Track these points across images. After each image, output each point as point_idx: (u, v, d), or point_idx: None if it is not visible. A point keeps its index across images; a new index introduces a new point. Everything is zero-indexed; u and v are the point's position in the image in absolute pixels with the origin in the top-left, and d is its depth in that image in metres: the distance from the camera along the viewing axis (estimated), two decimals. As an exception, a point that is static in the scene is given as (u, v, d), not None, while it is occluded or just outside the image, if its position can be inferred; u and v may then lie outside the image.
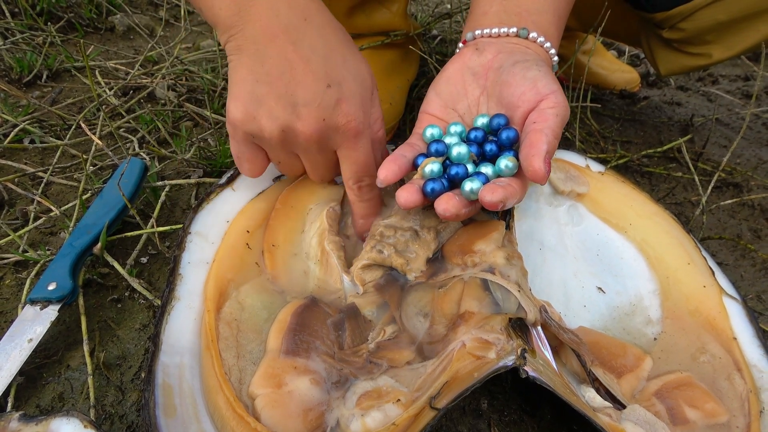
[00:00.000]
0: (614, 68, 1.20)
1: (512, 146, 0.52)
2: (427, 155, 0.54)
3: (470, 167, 0.52)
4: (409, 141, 0.57)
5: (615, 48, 1.47)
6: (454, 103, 0.58)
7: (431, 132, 0.55)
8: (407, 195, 0.50)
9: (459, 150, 0.52)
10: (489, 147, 0.53)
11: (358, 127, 0.52)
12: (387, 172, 0.51)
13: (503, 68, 0.54)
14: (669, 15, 0.80)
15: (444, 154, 0.53)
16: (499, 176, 0.51)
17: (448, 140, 0.54)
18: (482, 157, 0.54)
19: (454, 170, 0.51)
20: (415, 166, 0.54)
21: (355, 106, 0.52)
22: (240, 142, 0.54)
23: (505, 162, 0.50)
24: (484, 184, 0.49)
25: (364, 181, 0.55)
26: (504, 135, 0.52)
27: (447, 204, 0.48)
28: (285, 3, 0.51)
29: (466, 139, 0.55)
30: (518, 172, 0.50)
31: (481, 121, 0.55)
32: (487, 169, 0.51)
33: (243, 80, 0.51)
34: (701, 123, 1.12)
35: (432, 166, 0.52)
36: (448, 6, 1.53)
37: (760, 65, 0.77)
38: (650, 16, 0.83)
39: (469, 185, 0.49)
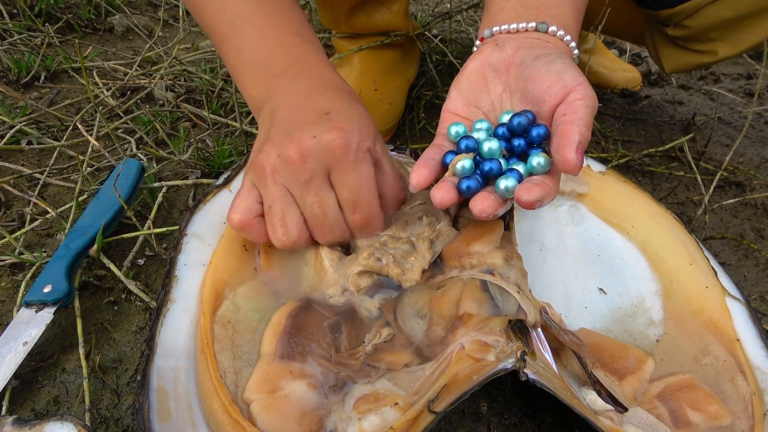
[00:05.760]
0: (615, 67, 1.20)
1: (542, 143, 0.51)
2: (457, 152, 0.52)
3: (502, 162, 0.51)
4: (434, 143, 0.55)
5: (616, 47, 1.47)
6: (476, 101, 0.56)
7: (456, 129, 0.54)
8: (443, 194, 0.48)
9: (490, 145, 0.50)
10: (517, 142, 0.51)
11: (349, 146, 0.49)
12: (418, 176, 0.50)
13: (526, 63, 0.52)
14: (674, 12, 0.79)
15: (475, 150, 0.52)
16: (531, 174, 0.49)
17: (476, 135, 0.52)
18: (511, 153, 0.52)
19: (487, 166, 0.50)
20: (444, 166, 0.52)
21: (351, 129, 0.50)
22: (247, 179, 0.53)
23: (538, 159, 0.48)
24: (518, 181, 0.48)
25: (357, 213, 0.51)
26: (534, 132, 0.50)
27: (483, 204, 0.47)
28: (304, 72, 0.56)
29: (494, 135, 0.53)
30: (549, 170, 0.49)
31: (507, 118, 0.53)
32: (518, 166, 0.50)
33: (264, 133, 0.54)
34: (703, 122, 1.11)
35: (463, 163, 0.50)
36: (448, 5, 1.52)
37: (763, 63, 0.76)
38: (655, 13, 0.83)
39: (504, 183, 0.47)
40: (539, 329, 0.50)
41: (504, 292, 0.49)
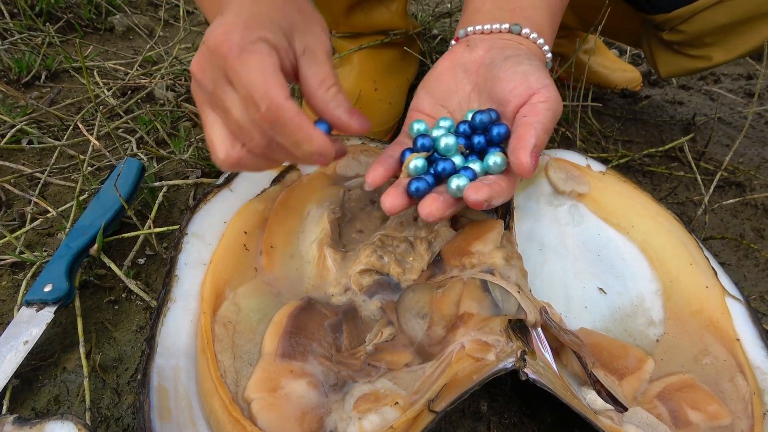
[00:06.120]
0: (615, 67, 1.19)
1: (502, 142, 0.51)
2: (412, 151, 0.52)
3: (459, 159, 0.51)
4: (397, 140, 0.55)
5: (616, 47, 1.47)
6: (444, 100, 0.57)
7: (417, 127, 0.54)
8: (392, 199, 0.48)
9: (447, 141, 0.51)
10: (477, 140, 0.51)
11: (230, 41, 0.42)
12: (374, 174, 0.50)
13: (494, 63, 0.53)
14: (669, 17, 0.79)
15: (430, 149, 0.52)
16: (487, 173, 0.50)
17: (435, 133, 0.52)
18: (471, 150, 0.53)
19: (441, 166, 0.50)
20: (401, 163, 0.52)
21: (234, 21, 0.43)
22: None
23: (494, 159, 0.49)
24: (471, 180, 0.48)
25: (257, 109, 0.42)
26: (495, 131, 0.50)
27: (431, 207, 0.47)
28: None
29: (455, 133, 0.53)
30: (507, 169, 0.49)
31: (472, 116, 0.53)
32: (474, 164, 0.50)
33: None
34: (703, 122, 1.11)
35: (416, 162, 0.50)
36: (449, 5, 1.52)
37: (763, 64, 0.76)
38: (650, 17, 0.83)
39: (455, 182, 0.47)
40: (539, 329, 0.50)
41: (504, 292, 0.49)
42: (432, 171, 0.50)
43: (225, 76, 0.44)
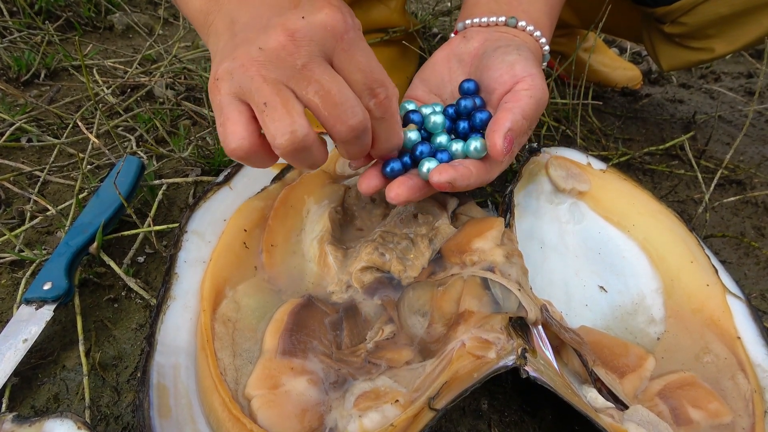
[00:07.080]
0: (616, 65, 1.19)
1: (484, 129, 0.51)
2: (404, 124, 0.53)
3: (444, 138, 0.52)
4: None
5: (617, 45, 1.47)
6: (438, 89, 0.58)
7: (407, 106, 0.55)
8: (368, 181, 0.49)
9: (435, 119, 0.52)
10: (462, 125, 0.53)
11: (347, 22, 0.42)
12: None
13: (486, 53, 0.54)
14: (670, 9, 0.79)
15: (419, 123, 0.53)
16: (467, 157, 0.51)
17: (425, 111, 0.53)
18: (456, 135, 0.54)
19: (418, 149, 0.51)
20: None
21: (340, 5, 0.42)
22: (222, 96, 0.42)
23: (475, 144, 0.50)
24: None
25: (379, 93, 0.43)
26: (477, 117, 0.51)
27: (398, 189, 0.48)
28: None
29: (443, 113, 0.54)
30: (486, 156, 0.50)
31: (457, 102, 0.54)
32: (457, 146, 0.51)
33: (223, 45, 0.45)
34: (704, 120, 1.11)
35: (411, 134, 0.51)
36: (448, 4, 1.52)
37: (763, 62, 0.76)
38: (651, 11, 0.83)
39: (426, 165, 0.49)
40: (540, 327, 0.50)
41: (504, 290, 0.49)
42: (408, 155, 0.51)
43: (326, 58, 0.42)
